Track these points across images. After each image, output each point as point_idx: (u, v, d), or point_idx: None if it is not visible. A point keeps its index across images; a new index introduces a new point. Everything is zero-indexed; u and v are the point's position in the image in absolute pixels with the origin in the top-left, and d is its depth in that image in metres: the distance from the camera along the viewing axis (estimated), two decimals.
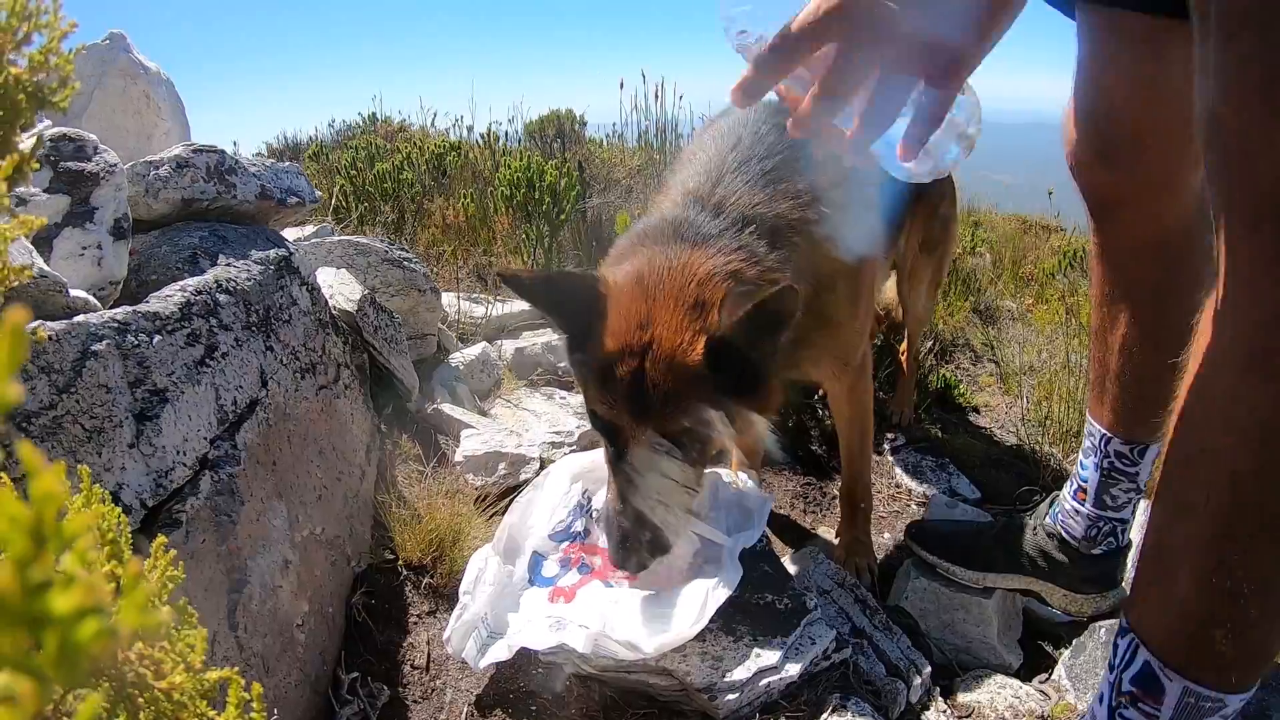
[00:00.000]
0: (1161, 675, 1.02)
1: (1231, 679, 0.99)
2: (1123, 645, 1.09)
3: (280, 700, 1.30)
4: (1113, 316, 1.59)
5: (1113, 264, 1.57)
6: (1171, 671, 1.01)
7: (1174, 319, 1.52)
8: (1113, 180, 1.44)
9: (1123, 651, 1.09)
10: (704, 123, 2.27)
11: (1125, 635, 1.09)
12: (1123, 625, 1.10)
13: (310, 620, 1.44)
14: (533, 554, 1.64)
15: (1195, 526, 0.97)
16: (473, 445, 2.10)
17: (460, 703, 1.48)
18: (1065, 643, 1.86)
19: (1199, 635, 0.99)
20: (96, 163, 1.54)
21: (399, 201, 4.33)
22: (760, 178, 1.52)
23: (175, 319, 1.32)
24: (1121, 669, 1.08)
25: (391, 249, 2.63)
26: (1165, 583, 1.02)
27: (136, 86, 2.28)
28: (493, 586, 1.53)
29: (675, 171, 1.70)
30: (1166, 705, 1.02)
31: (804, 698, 1.43)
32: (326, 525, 1.57)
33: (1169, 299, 1.51)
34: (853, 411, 1.96)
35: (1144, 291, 1.54)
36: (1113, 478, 1.64)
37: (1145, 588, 1.07)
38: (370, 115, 7.86)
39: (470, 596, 1.52)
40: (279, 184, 2.06)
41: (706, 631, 1.42)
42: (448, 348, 2.72)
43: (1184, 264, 1.50)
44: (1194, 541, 0.97)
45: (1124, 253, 1.55)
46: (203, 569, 1.19)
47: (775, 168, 1.53)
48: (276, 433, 1.48)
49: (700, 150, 1.64)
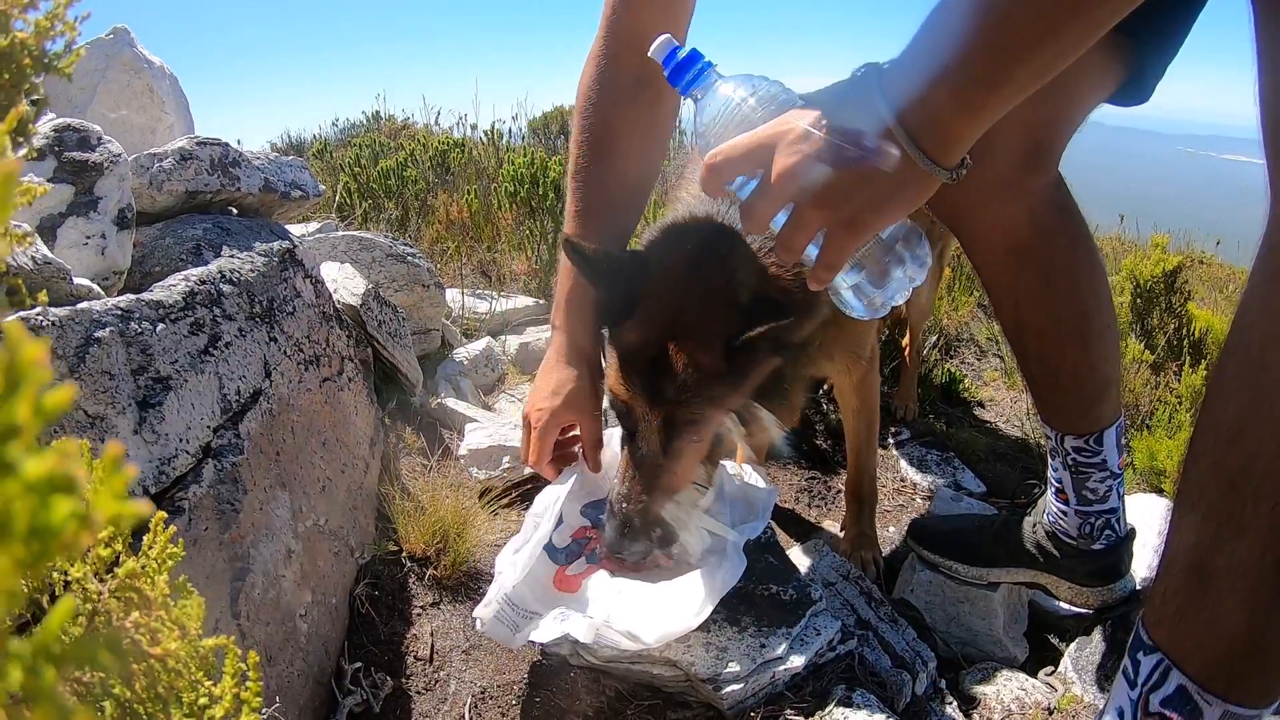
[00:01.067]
0: (1200, 699, 0.99)
1: (1274, 695, 0.97)
2: (1148, 664, 1.06)
3: (283, 689, 1.30)
4: (1013, 324, 1.62)
5: (987, 276, 1.60)
6: (1212, 696, 0.98)
7: (1065, 312, 1.56)
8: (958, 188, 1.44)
9: (1149, 670, 1.05)
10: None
11: (1151, 654, 1.05)
12: (1145, 642, 1.07)
13: (313, 610, 1.44)
14: (560, 514, 1.63)
15: (1249, 549, 0.93)
16: (477, 439, 2.09)
17: (464, 694, 1.48)
18: (1071, 635, 1.85)
19: (1247, 660, 0.96)
20: (100, 153, 1.54)
21: (403, 198, 4.33)
22: None
23: (179, 308, 1.32)
24: (1149, 689, 1.05)
25: (396, 244, 2.63)
26: (1209, 608, 0.98)
27: (140, 80, 2.28)
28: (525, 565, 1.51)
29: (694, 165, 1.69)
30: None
31: (809, 689, 1.42)
32: (330, 516, 1.57)
33: (1051, 297, 1.55)
34: (861, 404, 1.96)
35: (1025, 296, 1.57)
36: (1083, 472, 1.64)
37: (1180, 610, 1.02)
38: (374, 114, 7.88)
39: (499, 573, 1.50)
40: (282, 177, 2.06)
41: (711, 622, 1.41)
42: (451, 343, 2.72)
43: (1052, 259, 1.53)
44: (1247, 565, 0.94)
45: (991, 265, 1.56)
46: (205, 557, 1.19)
47: None
48: (280, 423, 1.47)
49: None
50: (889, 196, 0.95)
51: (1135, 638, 1.10)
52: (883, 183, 0.93)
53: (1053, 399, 1.65)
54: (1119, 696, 1.11)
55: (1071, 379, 1.59)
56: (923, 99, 0.90)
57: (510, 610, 1.46)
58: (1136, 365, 3.08)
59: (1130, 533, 1.71)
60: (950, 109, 0.90)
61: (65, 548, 0.21)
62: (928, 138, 0.92)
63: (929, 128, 0.91)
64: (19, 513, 0.20)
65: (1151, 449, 2.55)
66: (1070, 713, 1.61)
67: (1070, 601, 1.79)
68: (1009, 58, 0.86)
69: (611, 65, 1.53)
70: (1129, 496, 1.81)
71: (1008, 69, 0.87)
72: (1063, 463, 1.66)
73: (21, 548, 0.20)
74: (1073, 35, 0.85)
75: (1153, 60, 1.40)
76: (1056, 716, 1.61)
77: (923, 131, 0.92)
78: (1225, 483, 0.97)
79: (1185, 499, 1.04)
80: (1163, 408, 2.83)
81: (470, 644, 1.58)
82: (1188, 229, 7.26)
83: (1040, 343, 1.59)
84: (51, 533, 0.20)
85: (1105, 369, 1.58)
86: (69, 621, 0.56)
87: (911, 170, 0.93)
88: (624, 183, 1.59)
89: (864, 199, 0.95)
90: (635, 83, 1.54)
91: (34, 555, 0.20)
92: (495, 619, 1.45)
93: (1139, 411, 2.95)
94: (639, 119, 1.57)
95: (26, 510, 0.20)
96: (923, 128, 0.91)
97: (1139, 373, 3.07)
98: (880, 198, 0.94)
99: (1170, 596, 1.04)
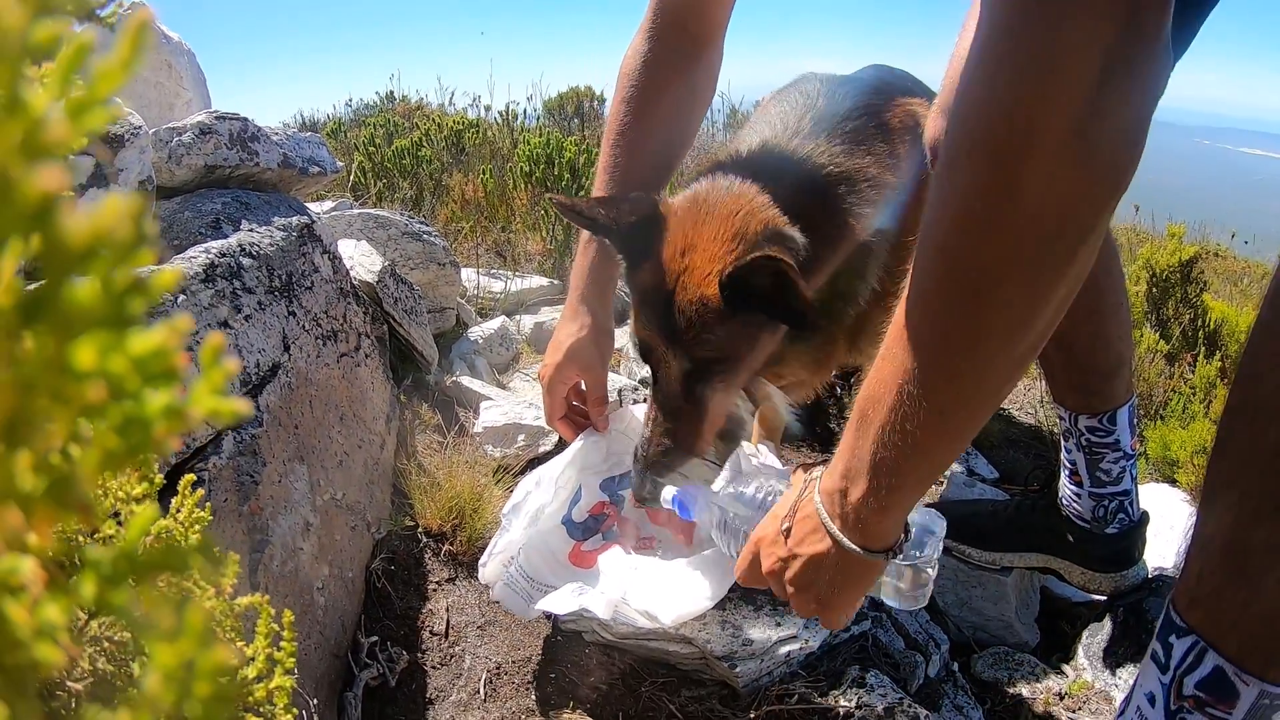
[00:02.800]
0: (1236, 680, 0.99)
1: None
2: (1182, 646, 1.05)
3: (300, 661, 1.31)
4: None
5: None
6: (1249, 676, 0.98)
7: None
8: None
9: (1183, 653, 1.04)
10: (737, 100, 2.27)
11: (1185, 636, 1.04)
12: (1178, 624, 1.06)
13: (330, 584, 1.45)
14: (579, 488, 1.63)
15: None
16: (492, 417, 2.10)
17: (479, 669, 1.49)
18: (1083, 621, 1.85)
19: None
20: (121, 125, 1.54)
21: (417, 178, 4.33)
22: (841, 136, 1.49)
23: (199, 279, 1.33)
24: (1183, 672, 1.04)
25: (411, 222, 2.63)
26: (1246, 587, 0.98)
27: (158, 55, 2.28)
28: (533, 518, 1.52)
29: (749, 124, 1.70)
30: (1240, 708, 0.99)
31: (823, 668, 1.43)
32: (347, 490, 1.57)
33: None
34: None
35: None
36: (1096, 452, 1.65)
37: (1216, 590, 1.02)
38: (388, 94, 7.86)
39: (509, 520, 1.51)
40: (301, 153, 2.06)
41: (727, 600, 1.42)
42: (467, 322, 2.73)
43: None
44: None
45: None
46: (224, 528, 1.20)
47: (856, 130, 1.51)
48: (298, 397, 1.48)
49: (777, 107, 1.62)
50: (841, 580, 1.09)
51: (1165, 621, 1.08)
52: (831, 571, 1.08)
53: (1067, 377, 1.65)
54: (1148, 681, 1.11)
55: (1086, 355, 1.60)
56: (848, 508, 1.05)
57: (524, 581, 1.46)
58: (1151, 355, 3.06)
59: (1143, 518, 1.71)
60: (868, 515, 1.03)
61: (156, 445, 0.20)
62: (859, 538, 1.05)
63: (859, 531, 1.05)
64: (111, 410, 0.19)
65: (1165, 439, 2.54)
66: (1081, 698, 1.61)
67: (1083, 587, 1.79)
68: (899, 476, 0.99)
69: (657, 36, 1.58)
70: (1142, 486, 1.80)
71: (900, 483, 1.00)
72: (1076, 444, 1.66)
73: (114, 437, 0.19)
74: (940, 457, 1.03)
75: None
76: (1067, 701, 1.61)
77: (855, 534, 1.05)
78: (1264, 461, 0.96)
79: (1219, 479, 1.04)
80: (1177, 398, 2.82)
81: (485, 619, 1.59)
82: (1203, 222, 7.21)
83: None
84: (146, 424, 0.20)
85: (1118, 346, 1.59)
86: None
87: (851, 557, 1.06)
88: (657, 142, 1.61)
89: (823, 584, 1.10)
90: (679, 54, 1.59)
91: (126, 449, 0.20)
92: (508, 588, 1.46)
93: (1153, 401, 2.94)
94: (679, 87, 1.61)
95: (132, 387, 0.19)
96: (854, 532, 1.05)
97: (1154, 363, 3.05)
98: (834, 582, 1.09)
99: (1206, 577, 1.03)
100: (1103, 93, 0.75)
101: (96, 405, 0.19)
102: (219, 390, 0.22)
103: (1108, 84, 0.75)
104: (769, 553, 1.16)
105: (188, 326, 0.21)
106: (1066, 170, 0.78)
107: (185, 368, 0.21)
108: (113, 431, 0.20)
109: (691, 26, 1.57)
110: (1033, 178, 0.78)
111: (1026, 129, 0.77)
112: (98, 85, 0.21)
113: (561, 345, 1.57)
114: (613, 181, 1.58)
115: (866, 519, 1.03)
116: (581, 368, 1.57)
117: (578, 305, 1.60)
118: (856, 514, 1.03)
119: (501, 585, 1.47)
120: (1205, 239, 6.65)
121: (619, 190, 1.56)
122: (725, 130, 7.13)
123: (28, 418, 0.18)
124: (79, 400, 0.19)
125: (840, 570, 1.08)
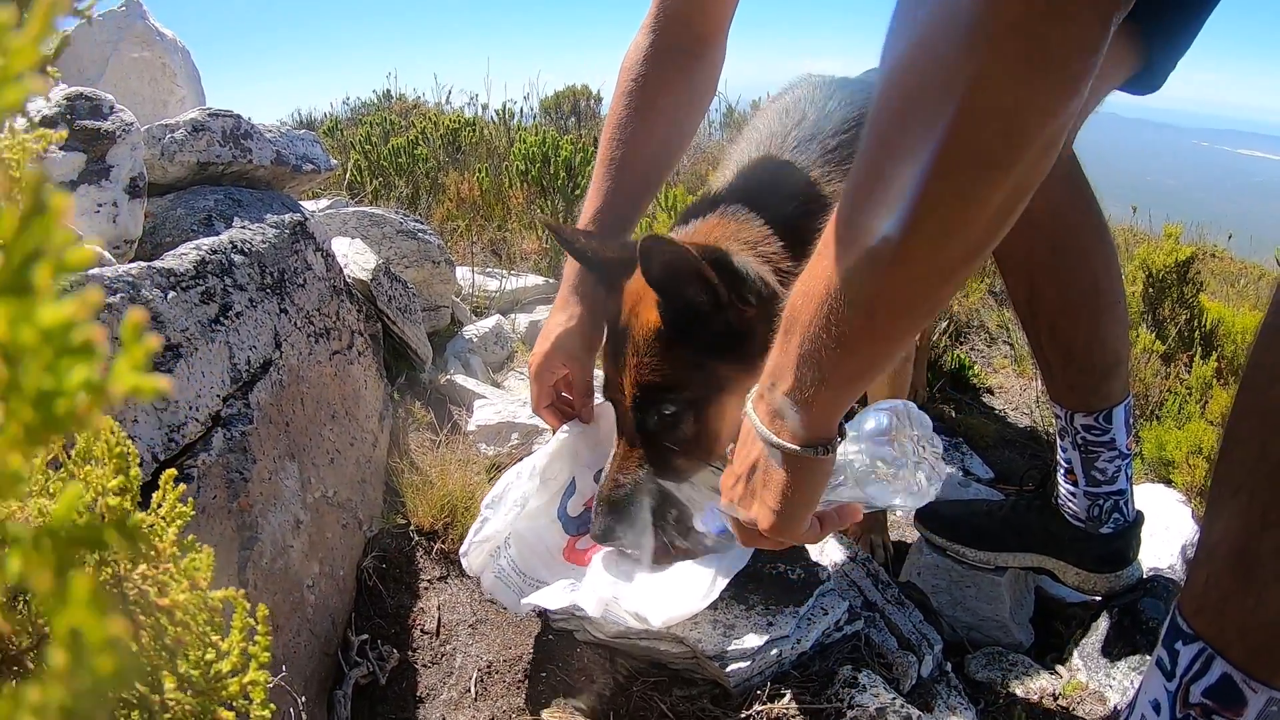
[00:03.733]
0: (1245, 687, 0.98)
1: None
2: (1188, 653, 1.04)
3: (289, 658, 1.30)
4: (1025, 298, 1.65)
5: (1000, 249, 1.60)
6: (1257, 683, 0.97)
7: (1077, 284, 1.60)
8: None
9: (1189, 660, 1.04)
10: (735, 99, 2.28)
11: (1192, 643, 1.03)
12: (1185, 631, 1.05)
13: (321, 582, 1.44)
14: (571, 480, 1.62)
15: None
16: (486, 415, 2.09)
17: (470, 667, 1.48)
18: (1077, 622, 1.84)
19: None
20: (113, 121, 1.54)
21: (413, 176, 4.32)
22: (822, 156, 1.49)
23: (190, 276, 1.32)
24: (1189, 679, 1.03)
25: (406, 220, 2.62)
26: (1253, 594, 0.97)
27: (152, 53, 2.27)
28: (520, 508, 1.51)
29: (733, 146, 1.71)
30: (1248, 715, 0.99)
31: (815, 668, 1.42)
32: (339, 488, 1.57)
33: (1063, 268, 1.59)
34: (892, 395, 1.94)
35: (1038, 268, 1.60)
36: (1092, 451, 1.65)
37: (1224, 597, 1.01)
38: (385, 92, 7.86)
39: (491, 511, 1.50)
40: (294, 150, 2.06)
41: (719, 600, 1.41)
42: (461, 320, 2.72)
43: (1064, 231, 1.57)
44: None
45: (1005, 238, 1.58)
46: (214, 525, 1.19)
47: (841, 146, 1.50)
48: (290, 394, 1.47)
49: (762, 124, 1.63)
50: (786, 481, 1.05)
51: (1171, 628, 1.07)
52: (767, 472, 1.06)
53: (1064, 375, 1.65)
54: (1153, 688, 1.10)
55: (1083, 353, 1.60)
56: (774, 402, 1.03)
57: (516, 575, 1.46)
58: (1147, 355, 3.06)
59: (1138, 518, 1.70)
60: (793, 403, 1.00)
61: (77, 420, 0.19)
62: (785, 432, 1.02)
63: (781, 422, 1.03)
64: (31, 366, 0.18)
65: (1160, 439, 2.54)
66: (1075, 699, 1.61)
67: (1077, 587, 1.78)
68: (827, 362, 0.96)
69: (660, 32, 1.57)
70: (1137, 487, 1.80)
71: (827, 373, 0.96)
72: (1072, 442, 1.66)
73: (30, 410, 0.19)
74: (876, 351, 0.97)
75: (1160, 54, 1.40)
76: (1061, 702, 1.61)
77: (781, 428, 1.03)
78: (1271, 466, 0.96)
79: (1226, 484, 1.02)
80: (1172, 398, 2.82)
81: (477, 618, 1.58)
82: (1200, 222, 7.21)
83: (1052, 315, 1.61)
84: (63, 396, 0.19)
85: (1115, 344, 1.60)
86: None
87: (788, 457, 1.03)
88: (656, 138, 1.61)
89: (766, 488, 1.07)
90: (681, 50, 1.59)
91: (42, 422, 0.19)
92: (499, 581, 1.46)
93: (1149, 401, 2.94)
94: (679, 84, 1.60)
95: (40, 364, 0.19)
96: (778, 425, 1.03)
97: (1149, 363, 3.05)
98: (775, 484, 1.06)
99: (1212, 584, 1.02)
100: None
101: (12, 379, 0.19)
102: (139, 366, 0.21)
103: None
104: (725, 484, 1.16)
105: (98, 299, 0.20)
106: (1013, 67, 0.73)
107: (103, 342, 0.20)
108: (29, 405, 0.19)
109: (694, 23, 1.57)
110: (975, 73, 0.74)
111: (971, 23, 0.73)
112: (11, 61, 0.21)
113: (550, 335, 1.57)
114: (610, 177, 1.58)
115: (794, 413, 1.01)
116: (568, 358, 1.57)
117: (569, 296, 1.60)
118: (780, 411, 1.02)
119: (493, 578, 1.46)
120: (1202, 240, 6.65)
121: (616, 185, 1.57)
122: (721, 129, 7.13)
123: None
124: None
125: (786, 471, 1.04)
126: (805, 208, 1.41)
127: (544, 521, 1.58)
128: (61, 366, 0.19)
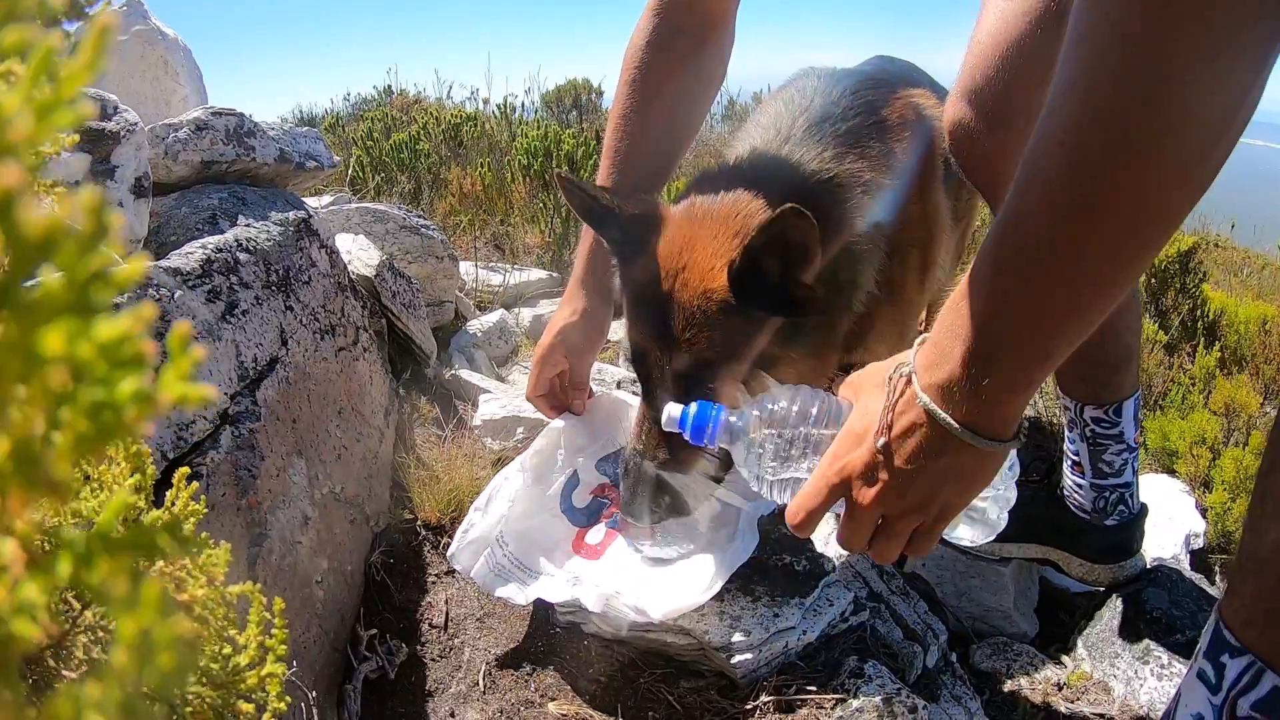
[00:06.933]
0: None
1: None
2: (1236, 666, 1.02)
3: (299, 654, 1.31)
4: None
5: None
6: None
7: None
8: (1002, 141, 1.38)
9: (1238, 673, 1.01)
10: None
11: (1241, 656, 1.01)
12: (1232, 643, 1.03)
13: (329, 577, 1.45)
14: (573, 473, 1.63)
15: None
16: (491, 409, 2.10)
17: (478, 661, 1.49)
18: (1082, 612, 1.85)
19: None
20: (117, 121, 1.54)
21: (415, 172, 4.33)
22: (834, 138, 1.48)
23: (196, 275, 1.33)
24: (1238, 693, 1.01)
25: (409, 216, 2.63)
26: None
27: (154, 51, 2.28)
28: (511, 504, 1.52)
29: (743, 129, 1.69)
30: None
31: (821, 659, 1.43)
32: (346, 484, 1.58)
33: None
34: None
35: None
36: (1100, 443, 1.65)
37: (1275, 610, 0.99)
38: (386, 88, 7.85)
39: (480, 513, 1.51)
40: (297, 148, 2.06)
41: (725, 591, 1.42)
42: (465, 315, 2.73)
43: None
44: None
45: None
46: (223, 522, 1.20)
47: (850, 130, 1.50)
48: (296, 391, 1.48)
49: (771, 109, 1.62)
50: (968, 485, 0.98)
51: (1216, 639, 1.05)
52: (957, 474, 0.96)
53: (1075, 368, 1.64)
54: (1195, 701, 1.08)
55: (1096, 346, 1.58)
56: (976, 394, 0.91)
57: (519, 570, 1.47)
58: (1150, 345, 3.07)
59: (1142, 510, 1.71)
60: (1002, 394, 0.91)
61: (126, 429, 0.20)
62: (988, 426, 0.92)
63: (987, 418, 0.92)
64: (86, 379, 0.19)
65: (1164, 429, 2.55)
66: (1079, 688, 1.61)
67: (1081, 578, 1.79)
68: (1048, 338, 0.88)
69: (663, 17, 1.55)
70: (1141, 477, 1.80)
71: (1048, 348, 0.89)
72: (1080, 434, 1.66)
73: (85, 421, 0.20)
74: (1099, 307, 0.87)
75: None
76: (1066, 692, 1.61)
77: (983, 423, 0.92)
78: None
79: (1274, 498, 1.00)
80: (1176, 388, 2.83)
81: (484, 612, 1.59)
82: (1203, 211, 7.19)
83: None
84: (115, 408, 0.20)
85: (1127, 338, 1.59)
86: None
87: (978, 454, 0.94)
88: (662, 128, 1.59)
89: (947, 494, 0.98)
90: (686, 36, 1.56)
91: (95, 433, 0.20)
92: (499, 577, 1.47)
93: (1152, 392, 2.94)
94: (684, 71, 1.58)
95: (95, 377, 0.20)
96: (982, 420, 0.92)
97: (1153, 353, 3.05)
98: (962, 488, 0.98)
99: (1263, 596, 1.01)
100: None
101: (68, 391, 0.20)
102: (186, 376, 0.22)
103: None
104: (870, 480, 1.00)
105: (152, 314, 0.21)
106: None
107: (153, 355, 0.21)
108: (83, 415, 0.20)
109: (699, 7, 1.55)
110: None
111: None
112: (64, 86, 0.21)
113: (554, 327, 1.58)
114: (616, 167, 1.57)
115: (1004, 405, 0.91)
116: (568, 350, 1.58)
117: (575, 289, 1.60)
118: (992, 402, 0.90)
119: (491, 574, 1.48)
120: (1205, 229, 6.64)
121: (622, 176, 1.56)
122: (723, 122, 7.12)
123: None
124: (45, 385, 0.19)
125: (967, 473, 0.96)
126: (821, 187, 1.42)
127: (547, 517, 1.59)
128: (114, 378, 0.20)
